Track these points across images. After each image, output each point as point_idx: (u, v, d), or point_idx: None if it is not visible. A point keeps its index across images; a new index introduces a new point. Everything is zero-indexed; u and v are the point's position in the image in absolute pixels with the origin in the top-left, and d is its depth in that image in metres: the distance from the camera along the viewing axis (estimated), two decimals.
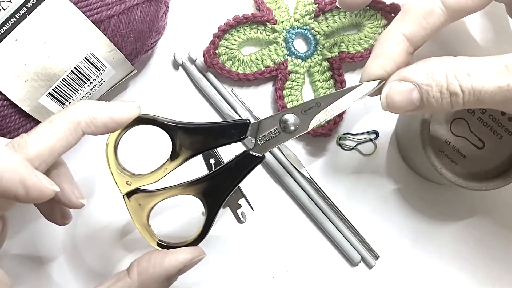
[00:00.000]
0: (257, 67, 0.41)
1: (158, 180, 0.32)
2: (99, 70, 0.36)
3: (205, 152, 0.33)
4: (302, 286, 0.40)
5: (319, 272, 0.40)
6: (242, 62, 0.41)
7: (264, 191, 0.41)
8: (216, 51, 0.40)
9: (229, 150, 0.33)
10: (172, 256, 0.30)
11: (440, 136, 0.37)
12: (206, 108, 0.42)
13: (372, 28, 0.41)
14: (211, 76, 0.41)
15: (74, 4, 0.33)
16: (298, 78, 0.41)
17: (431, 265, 0.41)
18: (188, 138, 0.31)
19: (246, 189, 0.41)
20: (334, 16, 0.41)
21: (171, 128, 0.31)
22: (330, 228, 0.40)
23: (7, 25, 0.32)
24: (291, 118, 0.32)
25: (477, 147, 0.37)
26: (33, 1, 0.32)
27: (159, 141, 0.32)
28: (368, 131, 0.42)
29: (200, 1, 0.42)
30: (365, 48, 0.41)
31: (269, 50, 0.41)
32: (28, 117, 0.35)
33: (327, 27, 0.41)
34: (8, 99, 0.33)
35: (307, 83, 0.42)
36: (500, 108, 0.29)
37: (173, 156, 0.31)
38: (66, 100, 0.35)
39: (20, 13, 0.32)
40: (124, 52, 0.36)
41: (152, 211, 0.32)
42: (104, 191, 0.40)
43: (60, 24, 0.33)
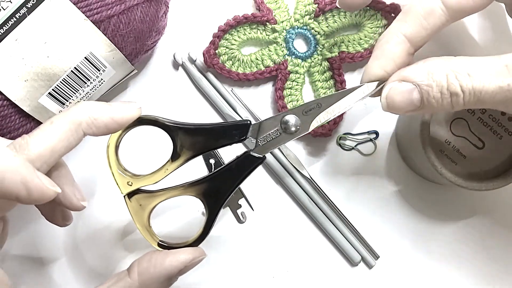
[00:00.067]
0: (257, 67, 0.41)
1: (159, 181, 0.32)
2: (99, 70, 0.36)
3: (206, 153, 0.33)
4: (302, 286, 0.40)
5: (319, 272, 0.40)
6: (242, 62, 0.41)
7: (264, 191, 0.41)
8: (216, 51, 0.40)
9: (230, 151, 0.33)
10: (173, 257, 0.30)
11: (440, 136, 0.37)
12: (206, 108, 0.42)
13: (372, 28, 0.41)
14: (211, 76, 0.41)
15: (74, 4, 0.33)
16: (298, 78, 0.41)
17: (431, 265, 0.41)
18: (189, 139, 0.31)
19: (246, 189, 0.41)
20: (334, 16, 0.41)
21: (172, 129, 0.31)
22: (330, 228, 0.40)
23: (7, 25, 0.32)
24: (292, 119, 0.32)
25: (477, 147, 0.37)
26: (33, 1, 0.32)
27: (160, 142, 0.32)
28: (368, 131, 0.42)
29: (200, 1, 0.42)
30: (365, 48, 0.41)
31: (269, 50, 0.41)
32: (28, 117, 0.35)
33: (327, 27, 0.41)
34: (8, 99, 0.33)
35: (307, 83, 0.42)
36: (501, 108, 0.29)
37: (174, 157, 0.31)
38: (66, 100, 0.35)
39: (20, 13, 0.32)
40: (124, 52, 0.36)
41: (153, 212, 0.32)
42: (105, 192, 0.40)
43: (60, 24, 0.33)
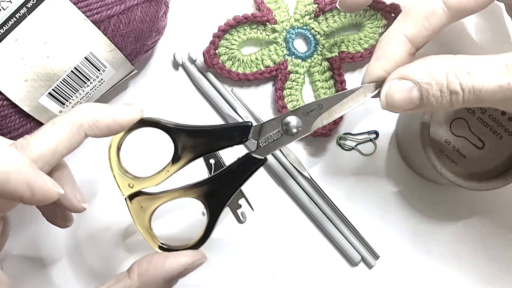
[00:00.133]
0: (257, 67, 0.41)
1: (160, 183, 0.32)
2: (99, 70, 0.36)
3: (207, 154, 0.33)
4: (302, 286, 0.40)
5: (319, 272, 0.40)
6: (242, 62, 0.41)
7: (264, 191, 0.41)
8: (216, 51, 0.40)
9: (231, 153, 0.33)
10: (173, 259, 0.30)
11: (440, 136, 0.37)
12: (206, 108, 0.42)
13: (372, 28, 0.41)
14: (211, 76, 0.41)
15: (74, 4, 0.33)
16: (298, 78, 0.41)
17: (431, 265, 0.41)
18: (190, 141, 0.31)
19: (246, 189, 0.41)
20: (334, 16, 0.41)
21: (173, 131, 0.31)
22: (330, 228, 0.40)
23: (7, 25, 0.32)
24: (293, 121, 0.32)
25: (477, 147, 0.37)
26: (33, 1, 0.32)
27: (161, 144, 0.32)
28: (368, 131, 0.42)
29: (200, 1, 0.42)
30: (365, 48, 0.41)
31: (269, 50, 0.41)
32: (28, 117, 0.35)
33: (327, 27, 0.41)
34: (8, 99, 0.33)
35: (307, 83, 0.42)
36: (500, 107, 0.29)
37: (175, 159, 0.31)
38: (66, 100, 0.35)
39: (20, 13, 0.32)
40: (124, 52, 0.36)
41: (154, 214, 0.32)
42: (106, 193, 0.40)
43: (60, 24, 0.33)
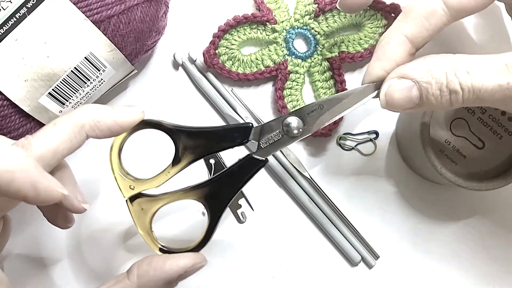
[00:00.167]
0: (257, 67, 0.41)
1: (161, 184, 0.32)
2: (99, 70, 0.36)
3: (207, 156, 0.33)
4: (302, 286, 0.40)
5: (319, 272, 0.40)
6: (242, 62, 0.41)
7: (264, 191, 0.41)
8: (216, 51, 0.40)
9: (232, 153, 0.33)
10: (173, 261, 0.30)
11: (440, 136, 0.37)
12: (206, 108, 0.42)
13: (372, 28, 0.41)
14: (211, 76, 0.41)
15: (74, 4, 0.33)
16: (298, 78, 0.41)
17: (431, 265, 0.41)
18: (191, 142, 0.31)
19: (246, 189, 0.40)
20: (334, 16, 0.41)
21: (174, 132, 0.31)
22: (330, 228, 0.40)
23: (7, 25, 0.32)
24: (294, 122, 0.31)
25: (477, 147, 0.37)
26: (33, 1, 0.32)
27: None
28: (368, 131, 0.42)
29: (200, 1, 0.42)
30: (365, 48, 0.41)
31: (269, 50, 0.41)
32: (28, 117, 0.35)
33: (327, 27, 0.41)
34: (8, 99, 0.33)
35: (307, 83, 0.42)
36: (500, 107, 0.29)
37: (176, 160, 0.31)
38: (66, 100, 0.35)
39: (20, 13, 0.32)
40: (124, 52, 0.36)
41: (155, 216, 0.32)
42: (107, 194, 0.40)
43: (60, 24, 0.33)
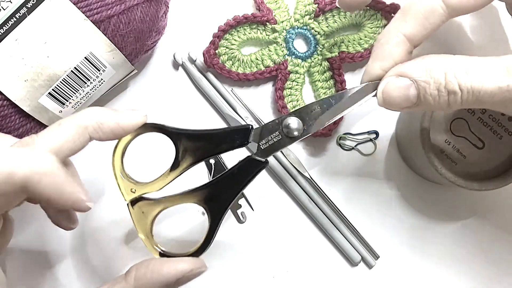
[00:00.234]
0: (257, 67, 0.41)
1: (163, 188, 0.31)
2: (99, 70, 0.36)
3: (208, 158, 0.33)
4: (302, 286, 0.40)
5: (319, 272, 0.40)
6: (242, 62, 0.41)
7: (264, 191, 0.41)
8: (216, 51, 0.40)
9: (233, 154, 0.33)
10: (171, 264, 0.30)
11: (440, 136, 0.37)
12: (206, 108, 0.42)
13: (372, 28, 0.41)
14: (211, 76, 0.41)
15: (74, 4, 0.33)
16: (298, 78, 0.41)
17: (431, 265, 0.41)
18: (191, 145, 0.31)
19: (246, 189, 0.40)
20: (334, 16, 0.41)
21: (176, 135, 0.31)
22: (330, 228, 0.40)
23: (7, 25, 0.32)
24: (294, 122, 0.31)
25: (477, 147, 0.37)
26: (33, 1, 0.32)
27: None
28: (368, 131, 0.42)
29: (200, 1, 0.42)
30: (365, 48, 0.41)
31: (269, 50, 0.41)
32: (28, 117, 0.35)
33: (327, 27, 0.41)
34: (8, 99, 0.33)
35: (307, 83, 0.42)
36: (499, 109, 0.29)
37: (176, 163, 0.31)
38: (66, 100, 0.35)
39: (20, 13, 0.32)
40: (124, 52, 0.36)
41: (156, 219, 0.32)
42: (112, 194, 0.40)
43: (60, 24, 0.33)
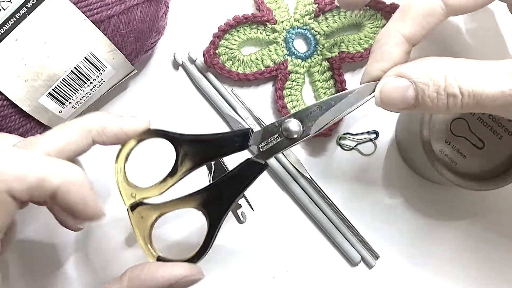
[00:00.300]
0: (257, 67, 0.41)
1: (163, 193, 0.31)
2: (99, 70, 0.36)
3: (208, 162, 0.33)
4: (302, 286, 0.40)
5: (319, 272, 0.40)
6: (242, 62, 0.41)
7: (264, 191, 0.41)
8: (216, 51, 0.40)
9: (234, 156, 0.33)
10: (166, 269, 0.29)
11: (440, 136, 0.37)
12: (206, 108, 0.42)
13: (372, 28, 0.41)
14: (211, 76, 0.41)
15: (74, 4, 0.33)
16: (298, 78, 0.41)
17: (431, 265, 0.41)
18: (192, 149, 0.31)
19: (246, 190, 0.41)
20: (334, 16, 0.41)
21: (177, 140, 0.31)
22: (330, 228, 0.40)
23: (7, 25, 0.32)
24: (293, 124, 0.31)
25: (477, 147, 0.37)
26: (33, 1, 0.32)
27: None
28: (368, 131, 0.42)
29: (200, 1, 0.42)
30: (365, 48, 0.41)
31: (269, 50, 0.41)
32: (28, 117, 0.35)
33: (327, 27, 0.41)
34: (8, 99, 0.33)
35: (307, 83, 0.42)
36: (500, 113, 0.29)
37: (176, 168, 0.31)
38: (66, 100, 0.35)
39: (20, 13, 0.32)
40: (124, 52, 0.36)
41: (155, 224, 0.32)
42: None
43: (60, 24, 0.33)
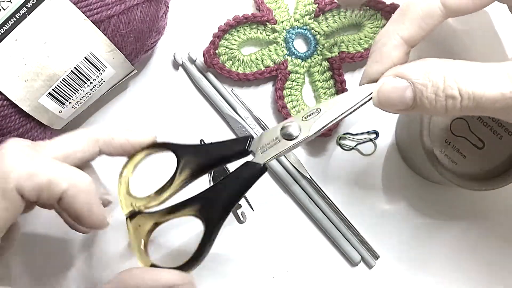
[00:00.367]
0: (257, 67, 0.41)
1: (163, 202, 0.31)
2: (99, 70, 0.36)
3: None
4: (302, 286, 0.40)
5: (319, 272, 0.40)
6: (242, 62, 0.41)
7: (264, 191, 0.41)
8: (216, 51, 0.40)
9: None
10: (154, 274, 0.28)
11: (440, 136, 0.37)
12: (206, 108, 0.42)
13: (372, 28, 0.41)
14: (211, 76, 0.41)
15: (74, 4, 0.33)
16: (298, 78, 0.41)
17: (431, 265, 0.41)
18: (193, 158, 0.31)
19: None
20: (334, 16, 0.41)
21: (180, 151, 0.31)
22: (330, 228, 0.40)
23: (7, 25, 0.32)
24: (293, 128, 0.31)
25: (477, 147, 0.37)
26: (33, 1, 0.32)
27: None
28: (368, 131, 0.42)
29: (200, 1, 0.42)
30: (365, 48, 0.41)
31: (269, 50, 0.41)
32: (28, 117, 0.35)
33: (327, 27, 0.41)
34: (8, 99, 0.33)
35: (307, 83, 0.42)
36: (500, 116, 0.29)
37: (174, 178, 0.31)
38: (66, 100, 0.35)
39: (20, 13, 0.32)
40: (124, 52, 0.36)
41: (152, 233, 0.31)
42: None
43: (60, 24, 0.33)
